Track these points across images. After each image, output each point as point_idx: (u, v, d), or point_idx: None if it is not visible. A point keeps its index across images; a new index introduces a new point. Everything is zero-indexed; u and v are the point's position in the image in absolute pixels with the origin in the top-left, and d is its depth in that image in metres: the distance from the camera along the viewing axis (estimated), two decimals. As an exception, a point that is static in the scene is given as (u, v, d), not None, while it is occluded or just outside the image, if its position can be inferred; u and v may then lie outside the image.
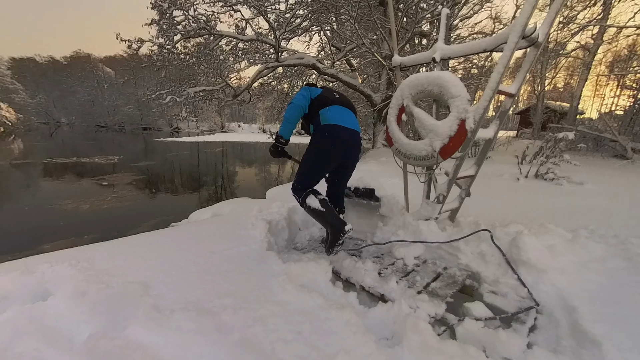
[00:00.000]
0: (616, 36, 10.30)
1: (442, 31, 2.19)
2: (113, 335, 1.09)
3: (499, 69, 1.65)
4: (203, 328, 1.15)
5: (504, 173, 4.80)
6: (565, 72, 20.22)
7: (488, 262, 1.74)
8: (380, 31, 6.51)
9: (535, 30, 1.63)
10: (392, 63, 2.30)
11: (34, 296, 1.40)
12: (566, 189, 3.88)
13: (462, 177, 2.08)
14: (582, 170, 4.88)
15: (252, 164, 12.68)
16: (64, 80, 39.98)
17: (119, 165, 10.14)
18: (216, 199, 6.35)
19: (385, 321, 1.35)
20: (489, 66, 10.47)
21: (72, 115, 41.57)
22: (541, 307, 1.42)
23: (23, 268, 1.53)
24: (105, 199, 6.08)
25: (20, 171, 8.98)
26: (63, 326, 1.22)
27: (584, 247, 1.70)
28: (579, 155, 6.99)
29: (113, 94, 39.27)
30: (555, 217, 2.59)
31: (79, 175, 8.34)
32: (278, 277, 1.56)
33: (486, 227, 1.89)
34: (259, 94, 10.61)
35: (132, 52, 7.22)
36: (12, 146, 16.09)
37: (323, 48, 10.12)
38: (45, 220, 4.60)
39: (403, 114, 2.04)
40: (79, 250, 1.94)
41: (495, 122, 1.97)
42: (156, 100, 7.72)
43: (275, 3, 7.28)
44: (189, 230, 2.41)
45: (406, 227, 2.11)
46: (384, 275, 1.70)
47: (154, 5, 6.17)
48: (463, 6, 8.22)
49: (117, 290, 1.37)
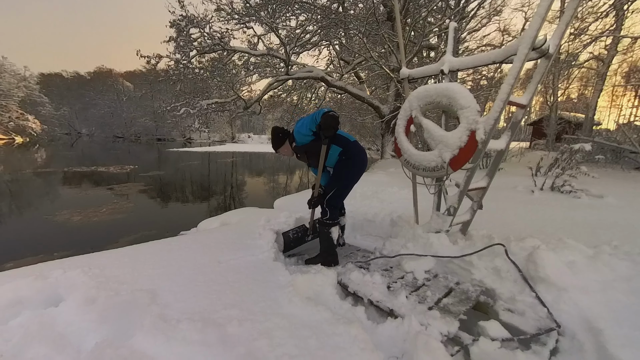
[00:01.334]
0: (631, 46, 10.11)
1: (450, 44, 2.21)
2: (119, 344, 1.09)
3: (509, 80, 1.64)
4: (208, 340, 1.13)
5: (518, 185, 4.66)
6: (578, 83, 19.84)
7: (503, 278, 1.66)
8: (388, 45, 6.64)
9: (546, 41, 1.62)
10: (400, 75, 2.32)
11: (47, 301, 1.42)
12: (585, 202, 3.71)
13: (473, 189, 2.04)
14: (601, 182, 4.68)
15: (260, 173, 12.83)
16: (86, 94, 42.40)
17: (133, 174, 10.48)
18: (225, 208, 6.42)
19: (394, 338, 1.30)
20: (499, 77, 10.43)
21: (92, 126, 43.79)
22: (563, 328, 1.33)
23: (38, 273, 1.57)
24: (119, 207, 6.26)
25: (42, 179, 9.40)
26: (72, 333, 1.24)
27: (607, 264, 1.60)
28: (597, 167, 6.72)
29: (131, 106, 41.26)
30: (575, 232, 2.47)
31: (95, 184, 8.66)
32: (284, 288, 1.54)
33: (500, 241, 1.82)
34: (269, 105, 10.88)
35: (151, 67, 7.62)
36: (35, 155, 16.96)
37: (332, 61, 10.37)
38: (60, 227, 4.76)
39: (411, 125, 2.04)
40: (92, 257, 1.98)
41: (506, 133, 1.93)
42: (171, 112, 8.04)
43: (286, 20, 7.58)
44: (197, 239, 2.44)
45: (416, 239, 2.06)
46: (393, 289, 1.65)
47: (173, 24, 6.55)
48: (471, 20, 8.32)
49: (125, 298, 1.38)
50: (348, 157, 1.98)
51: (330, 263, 2.03)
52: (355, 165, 1.99)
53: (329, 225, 2.02)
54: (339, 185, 2.01)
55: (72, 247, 3.82)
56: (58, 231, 4.55)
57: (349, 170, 1.99)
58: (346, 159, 1.98)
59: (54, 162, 13.82)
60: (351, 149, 1.98)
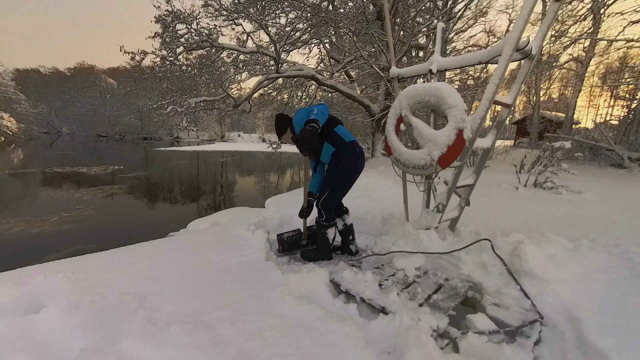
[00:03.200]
0: (607, 49, 10.60)
1: (439, 44, 2.25)
2: (106, 350, 1.06)
3: (495, 80, 1.69)
4: (199, 342, 1.12)
5: (503, 182, 4.81)
6: (559, 83, 20.68)
7: (490, 272, 1.72)
8: (378, 44, 6.69)
9: (529, 43, 1.68)
10: (390, 74, 2.35)
11: (27, 309, 1.36)
12: (565, 198, 3.88)
13: (461, 186, 2.09)
14: (580, 179, 4.90)
15: (251, 173, 12.69)
16: (66, 91, 40.48)
17: (118, 175, 10.13)
18: (215, 208, 6.31)
19: (386, 334, 1.32)
20: (485, 77, 10.71)
21: (73, 124, 41.90)
22: (545, 319, 1.39)
23: (16, 279, 1.50)
24: (103, 208, 6.04)
25: (19, 180, 8.94)
26: (54, 340, 1.19)
27: (586, 257, 1.69)
28: (576, 164, 7.03)
29: (115, 104, 39.75)
30: (556, 227, 2.58)
31: (77, 185, 8.31)
32: (277, 288, 1.53)
33: (487, 237, 1.87)
34: (259, 104, 10.75)
35: (135, 64, 7.35)
36: (11, 155, 16.11)
37: (322, 60, 10.35)
38: (42, 230, 4.55)
39: (401, 124, 2.06)
40: (74, 261, 1.90)
41: (492, 132, 1.99)
42: (157, 110, 7.79)
43: (275, 17, 7.49)
44: (187, 240, 2.38)
45: (406, 236, 2.09)
46: (385, 287, 1.67)
47: (158, 19, 6.34)
48: (458, 20, 8.49)
49: (111, 302, 1.34)
50: (340, 159, 1.92)
51: (324, 258, 2.11)
52: (347, 169, 1.93)
53: (325, 227, 2.04)
54: (330, 188, 1.97)
55: (52, 251, 3.67)
56: (36, 235, 4.35)
57: (341, 173, 1.94)
58: (338, 161, 1.93)
59: (31, 163, 13.17)
60: (344, 150, 1.91)
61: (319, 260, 2.10)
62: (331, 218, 2.05)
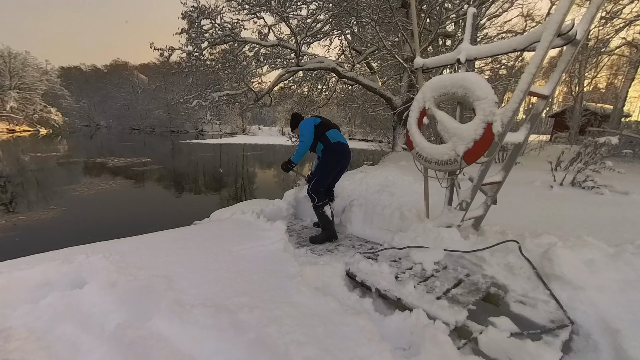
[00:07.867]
0: (670, 31, 9.29)
1: (468, 31, 2.10)
2: (139, 325, 1.16)
3: (531, 69, 1.55)
4: (220, 324, 1.18)
5: (536, 180, 4.47)
6: (608, 72, 18.50)
7: (516, 274, 1.63)
8: (402, 33, 6.39)
9: (573, 27, 1.52)
10: (414, 65, 2.25)
11: (72, 284, 1.52)
12: (608, 198, 3.53)
13: (487, 183, 1.97)
14: (627, 178, 4.42)
15: (271, 165, 12.95)
16: (103, 87, 43.62)
17: (148, 165, 10.83)
18: (236, 199, 6.56)
19: (401, 330, 1.31)
20: (520, 66, 9.87)
21: (109, 118, 45.24)
22: (577, 326, 1.29)
23: (63, 258, 1.67)
24: (135, 196, 6.52)
25: (65, 170, 9.89)
26: (95, 313, 1.32)
27: (629, 263, 1.53)
28: (623, 162, 6.33)
29: (146, 98, 42.17)
30: (595, 230, 2.36)
31: (113, 174, 9.03)
32: (294, 278, 1.57)
33: (514, 238, 1.77)
34: (279, 97, 10.82)
35: (164, 60, 7.71)
36: (58, 147, 17.80)
37: (343, 51, 10.12)
38: (85, 215, 5.03)
39: (424, 117, 1.98)
40: (112, 244, 2.08)
41: (525, 126, 1.85)
42: (184, 104, 8.15)
43: (297, 9, 7.42)
44: (210, 228, 2.51)
45: (426, 233, 2.03)
46: (401, 279, 1.64)
47: (185, 15, 6.57)
48: (491, 4, 7.84)
49: (143, 283, 1.45)
50: (325, 154, 2.55)
51: (331, 238, 2.46)
52: (330, 162, 2.55)
53: (320, 206, 2.47)
54: (318, 175, 2.54)
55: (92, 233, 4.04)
56: (82, 219, 4.81)
57: (325, 164, 2.55)
58: (324, 155, 2.56)
59: (76, 153, 14.47)
60: (330, 148, 2.52)
61: (326, 242, 2.43)
62: (322, 198, 2.49)
